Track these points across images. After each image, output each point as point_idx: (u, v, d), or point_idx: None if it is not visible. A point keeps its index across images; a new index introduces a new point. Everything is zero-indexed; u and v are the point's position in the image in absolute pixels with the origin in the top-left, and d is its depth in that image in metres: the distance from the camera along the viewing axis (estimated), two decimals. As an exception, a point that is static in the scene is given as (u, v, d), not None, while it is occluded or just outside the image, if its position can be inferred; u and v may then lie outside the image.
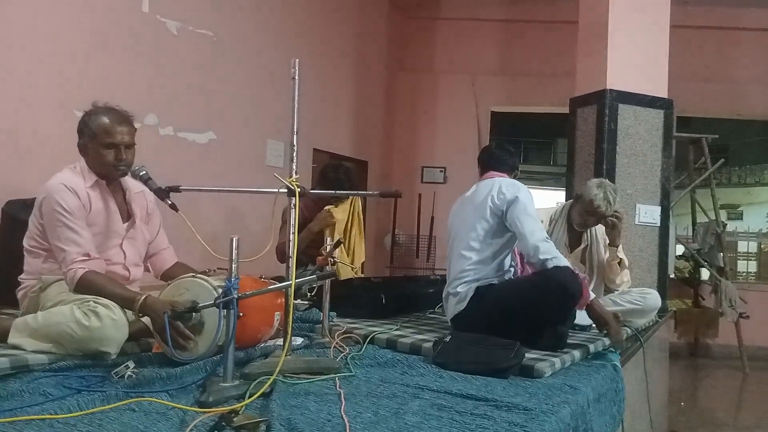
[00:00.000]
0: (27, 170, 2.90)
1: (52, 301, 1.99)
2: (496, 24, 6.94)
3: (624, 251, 3.31)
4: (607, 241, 3.25)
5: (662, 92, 4.27)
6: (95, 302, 1.86)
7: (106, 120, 2.10)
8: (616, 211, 3.15)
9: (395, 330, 2.52)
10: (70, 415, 1.36)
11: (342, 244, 3.36)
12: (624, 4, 4.22)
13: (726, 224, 6.50)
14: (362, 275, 3.77)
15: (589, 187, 3.13)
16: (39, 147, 3.00)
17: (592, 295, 2.51)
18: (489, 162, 2.79)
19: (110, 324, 1.82)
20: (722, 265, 6.10)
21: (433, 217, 6.30)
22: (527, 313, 2.26)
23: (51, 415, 1.35)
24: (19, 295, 2.13)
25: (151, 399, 1.48)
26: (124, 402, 1.46)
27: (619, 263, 3.12)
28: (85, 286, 1.96)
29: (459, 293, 2.49)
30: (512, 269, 2.57)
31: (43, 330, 1.85)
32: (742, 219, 15.18)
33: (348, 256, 3.59)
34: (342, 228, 3.62)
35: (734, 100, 6.79)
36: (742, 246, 7.22)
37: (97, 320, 1.81)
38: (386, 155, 6.75)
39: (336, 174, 3.75)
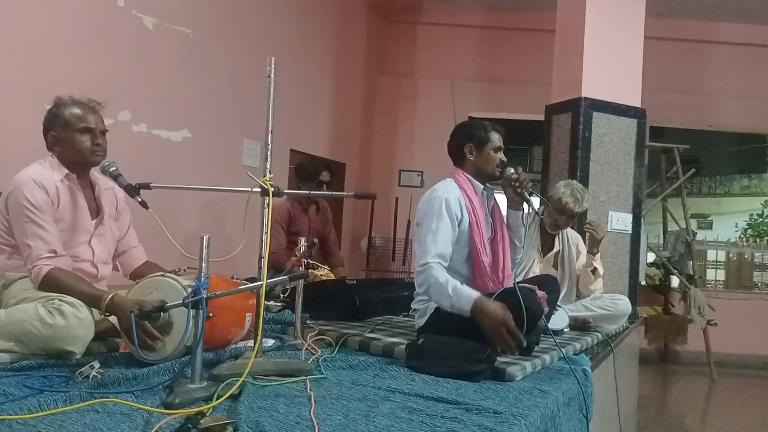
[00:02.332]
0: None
1: (16, 298, 1.94)
2: (475, 30, 6.99)
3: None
4: (580, 248, 3.29)
5: (636, 102, 4.35)
6: (60, 300, 1.81)
7: (77, 109, 2.10)
8: (591, 221, 3.19)
9: (368, 332, 2.50)
10: (30, 415, 1.32)
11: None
12: (600, 14, 4.29)
13: (696, 233, 6.63)
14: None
15: (557, 187, 3.19)
16: (8, 142, 2.92)
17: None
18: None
19: (75, 322, 1.78)
20: (692, 273, 6.22)
21: (409, 221, 6.30)
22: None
23: (10, 415, 1.31)
24: (-19, 292, 2.08)
25: (115, 400, 1.45)
26: (87, 402, 1.42)
27: (593, 272, 3.15)
28: (50, 283, 1.92)
29: (418, 310, 2.43)
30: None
31: (5, 328, 1.80)
32: (711, 228, 15.50)
33: None
34: None
35: (706, 111, 6.94)
36: (711, 255, 7.35)
37: (62, 318, 1.77)
38: (364, 158, 6.75)
39: (313, 164, 3.82)
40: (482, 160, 2.44)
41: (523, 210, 2.48)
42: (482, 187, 2.47)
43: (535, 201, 2.51)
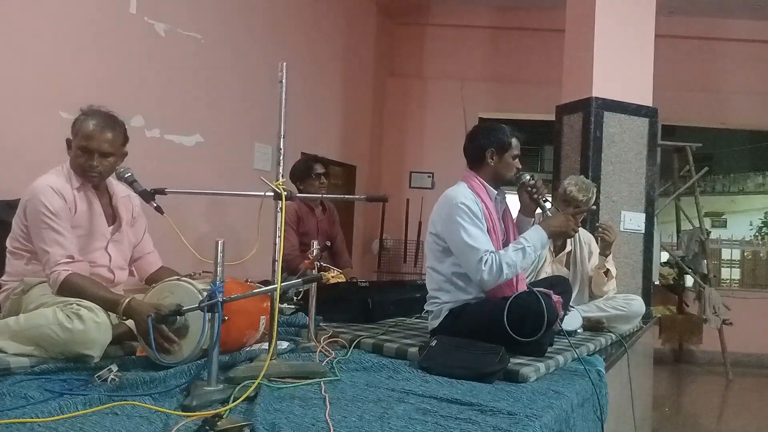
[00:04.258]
0: (11, 171, 2.87)
1: (35, 303, 1.97)
2: (484, 31, 6.98)
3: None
4: (592, 248, 3.28)
5: (647, 101, 4.32)
6: (78, 305, 1.84)
7: (91, 124, 2.10)
8: (602, 224, 3.18)
9: (381, 334, 2.52)
10: (51, 418, 1.35)
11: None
12: (610, 13, 4.27)
13: (710, 232, 6.57)
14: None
15: (563, 182, 3.22)
16: (24, 148, 2.97)
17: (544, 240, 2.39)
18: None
19: (93, 327, 1.81)
20: (706, 272, 6.16)
21: (420, 222, 6.31)
22: (503, 335, 2.12)
23: (32, 418, 1.34)
24: (1, 297, 2.11)
25: (134, 402, 1.47)
26: (106, 405, 1.45)
27: (606, 273, 3.13)
28: (68, 288, 1.95)
29: (432, 312, 2.42)
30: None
31: (25, 333, 1.83)
32: (725, 227, 15.33)
33: None
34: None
35: (718, 109, 6.88)
36: (726, 253, 7.29)
37: (80, 323, 1.80)
38: (375, 160, 6.76)
39: (302, 162, 3.87)
40: (502, 165, 2.43)
41: (535, 218, 2.51)
42: (496, 192, 2.46)
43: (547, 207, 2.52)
